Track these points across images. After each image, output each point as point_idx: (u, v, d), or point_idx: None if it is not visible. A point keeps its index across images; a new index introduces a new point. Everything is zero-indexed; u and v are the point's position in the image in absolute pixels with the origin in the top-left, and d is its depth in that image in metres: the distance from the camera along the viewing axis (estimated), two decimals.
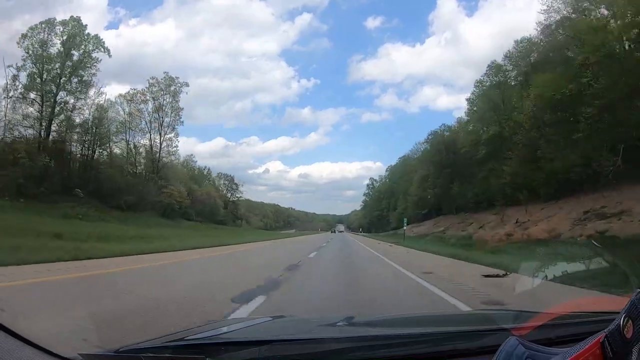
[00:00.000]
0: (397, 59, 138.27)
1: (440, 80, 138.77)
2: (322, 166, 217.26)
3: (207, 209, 52.41)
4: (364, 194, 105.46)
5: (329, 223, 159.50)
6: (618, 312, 0.88)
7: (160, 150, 42.69)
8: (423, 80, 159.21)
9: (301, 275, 8.61)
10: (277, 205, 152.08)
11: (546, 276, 3.26)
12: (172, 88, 43.49)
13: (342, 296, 6.12)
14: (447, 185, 38.10)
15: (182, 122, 45.16)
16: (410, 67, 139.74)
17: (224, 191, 72.05)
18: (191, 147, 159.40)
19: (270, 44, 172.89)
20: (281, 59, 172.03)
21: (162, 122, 42.70)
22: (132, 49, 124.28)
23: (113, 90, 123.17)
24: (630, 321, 0.85)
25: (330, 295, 6.22)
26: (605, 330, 0.85)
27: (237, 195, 74.42)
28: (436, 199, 41.05)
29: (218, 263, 11.63)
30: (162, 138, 42.72)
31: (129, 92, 42.17)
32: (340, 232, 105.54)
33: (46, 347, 1.12)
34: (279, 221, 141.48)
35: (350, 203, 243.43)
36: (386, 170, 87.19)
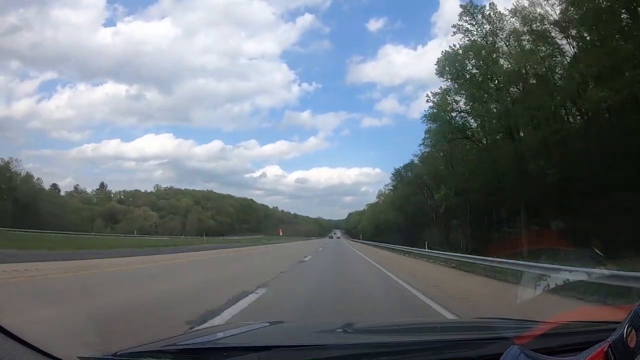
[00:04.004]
0: (399, 63, 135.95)
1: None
2: (320, 171, 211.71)
3: None
4: (424, 116, 33.63)
5: (322, 227, 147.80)
6: (619, 322, 0.88)
7: None
8: (425, 85, 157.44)
9: None
10: (251, 200, 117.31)
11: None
12: None
13: None
14: None
15: None
16: (412, 71, 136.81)
17: None
18: (187, 149, 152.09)
19: (270, 45, 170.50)
20: (282, 61, 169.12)
21: None
22: (128, 46, 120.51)
23: (109, 89, 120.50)
24: (633, 331, 0.85)
25: None
26: (609, 340, 0.85)
27: None
28: None
29: None
30: None
31: None
32: (338, 238, 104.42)
33: (45, 350, 1.11)
34: (248, 221, 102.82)
35: (346, 209, 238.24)
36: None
